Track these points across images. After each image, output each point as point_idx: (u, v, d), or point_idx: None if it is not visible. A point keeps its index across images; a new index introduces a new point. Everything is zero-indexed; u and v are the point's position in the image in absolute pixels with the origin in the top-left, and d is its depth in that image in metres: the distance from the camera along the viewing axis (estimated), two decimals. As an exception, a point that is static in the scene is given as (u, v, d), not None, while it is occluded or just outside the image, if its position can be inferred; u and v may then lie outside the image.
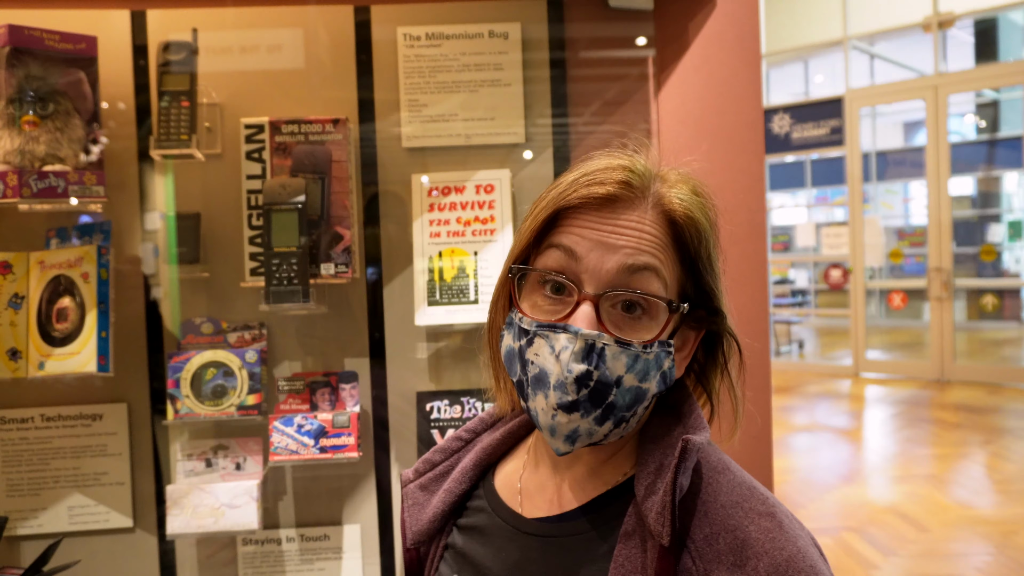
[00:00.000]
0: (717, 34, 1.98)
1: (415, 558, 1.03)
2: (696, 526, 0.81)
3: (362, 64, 1.97)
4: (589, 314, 0.82)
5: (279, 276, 1.74)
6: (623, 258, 0.83)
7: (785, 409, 8.29)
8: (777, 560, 0.77)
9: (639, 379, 0.83)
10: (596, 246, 0.83)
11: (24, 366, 1.80)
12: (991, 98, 11.93)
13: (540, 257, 0.87)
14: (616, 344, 0.82)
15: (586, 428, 0.83)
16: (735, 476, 0.87)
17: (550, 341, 0.83)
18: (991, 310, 10.30)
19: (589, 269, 0.83)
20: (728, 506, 0.82)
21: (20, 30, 1.70)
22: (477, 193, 1.92)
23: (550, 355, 0.82)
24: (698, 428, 0.86)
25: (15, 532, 1.92)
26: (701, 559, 0.79)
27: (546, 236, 0.88)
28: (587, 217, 0.85)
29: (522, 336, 0.86)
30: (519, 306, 0.87)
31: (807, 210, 14.61)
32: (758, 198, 1.98)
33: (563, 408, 0.82)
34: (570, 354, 0.81)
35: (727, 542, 0.79)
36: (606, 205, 0.85)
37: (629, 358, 0.82)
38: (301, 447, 1.82)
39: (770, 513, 0.82)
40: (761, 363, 1.98)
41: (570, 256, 0.84)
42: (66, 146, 1.73)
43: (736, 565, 0.77)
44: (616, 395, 0.82)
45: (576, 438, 0.84)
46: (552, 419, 0.83)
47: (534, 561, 0.89)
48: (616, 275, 0.83)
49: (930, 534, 4.67)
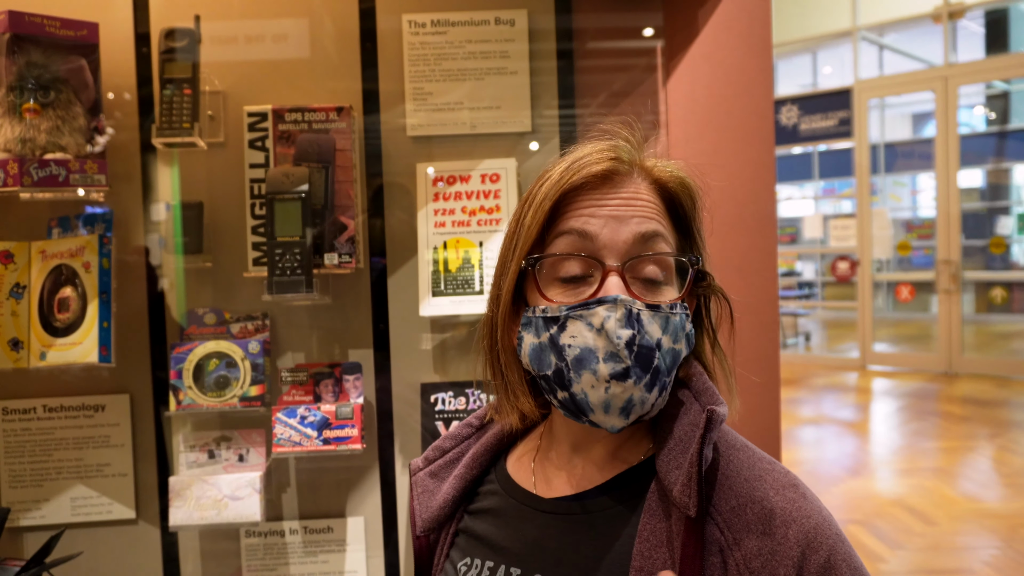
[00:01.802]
0: (726, 23, 1.95)
1: (425, 545, 1.02)
2: (721, 498, 0.83)
3: (366, 52, 1.95)
4: (619, 283, 0.84)
5: (282, 266, 1.72)
6: (635, 227, 0.86)
7: (791, 401, 8.26)
8: (806, 527, 0.79)
9: (673, 341, 0.85)
10: (607, 221, 0.86)
11: (26, 356, 1.78)
12: (1001, 89, 11.83)
13: (549, 248, 0.88)
14: (648, 308, 0.84)
15: (639, 396, 0.83)
16: (754, 452, 0.89)
17: (586, 319, 0.83)
18: (1000, 303, 10.25)
19: (606, 244, 0.85)
20: (752, 479, 0.84)
21: (20, 16, 1.68)
22: (483, 183, 1.90)
23: (589, 331, 0.83)
24: (716, 402, 0.87)
25: (18, 523, 1.91)
26: (729, 529, 0.80)
27: (550, 228, 0.88)
28: (590, 196, 0.87)
29: (550, 325, 0.86)
30: (544, 295, 0.87)
31: (814, 202, 14.56)
32: (768, 189, 1.96)
33: (616, 377, 0.82)
34: (615, 321, 0.82)
35: (754, 512, 0.81)
36: (604, 183, 0.87)
37: (661, 320, 0.84)
38: (304, 439, 1.81)
39: (793, 484, 0.84)
40: (770, 355, 1.95)
41: (583, 237, 0.86)
42: (67, 134, 1.72)
43: (765, 533, 0.79)
44: (659, 358, 0.83)
45: (631, 409, 0.83)
46: (606, 392, 0.82)
47: (553, 538, 0.88)
48: (632, 244, 0.85)
49: (937, 527, 4.65)
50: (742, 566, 0.78)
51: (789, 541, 0.78)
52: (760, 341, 1.95)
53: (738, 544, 0.79)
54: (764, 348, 1.95)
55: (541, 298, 0.87)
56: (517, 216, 0.92)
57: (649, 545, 0.81)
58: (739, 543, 0.79)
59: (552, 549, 0.88)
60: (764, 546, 0.78)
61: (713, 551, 0.80)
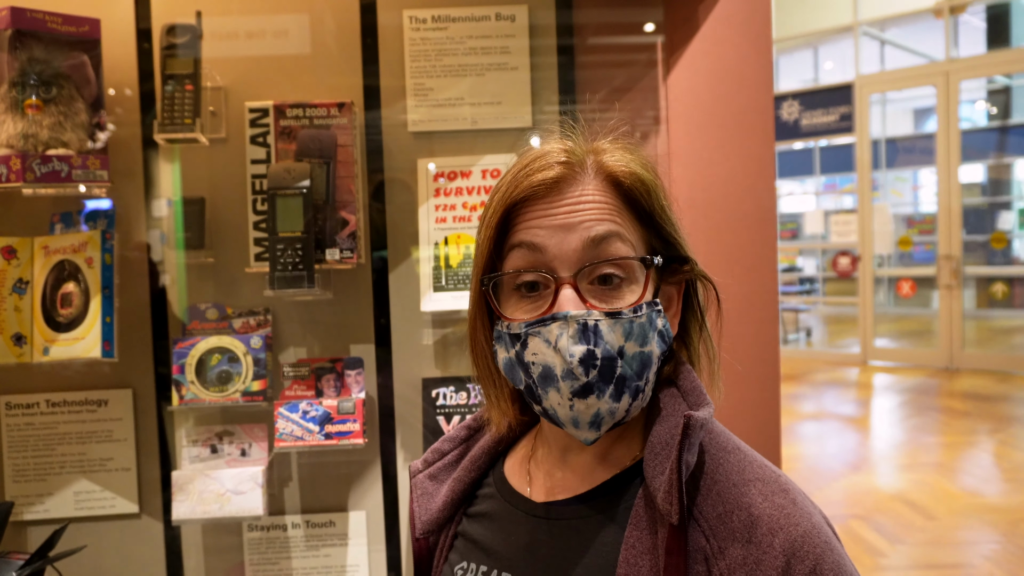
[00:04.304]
0: (727, 18, 1.95)
1: (424, 548, 1.02)
2: (708, 504, 0.81)
3: (367, 48, 1.95)
4: (572, 296, 0.82)
5: (284, 261, 1.73)
6: (584, 232, 0.83)
7: (792, 397, 8.27)
8: (793, 535, 0.77)
9: (640, 344, 0.83)
10: (555, 231, 0.83)
11: (29, 351, 1.79)
12: (1003, 84, 11.80)
13: (505, 262, 0.87)
14: (607, 317, 0.81)
15: (606, 409, 0.82)
16: (745, 455, 0.86)
17: (543, 335, 0.82)
18: (1001, 298, 10.24)
19: (556, 255, 0.83)
20: (740, 484, 0.82)
21: (22, 12, 1.69)
22: (484, 178, 1.90)
23: (547, 348, 0.82)
24: (700, 404, 0.85)
25: (21, 517, 1.92)
26: (715, 536, 0.79)
27: (504, 240, 0.87)
28: (537, 207, 0.85)
29: (515, 342, 0.85)
30: (501, 315, 0.87)
31: (815, 197, 14.54)
32: (768, 184, 1.96)
33: (577, 394, 0.81)
34: (567, 339, 0.80)
35: (740, 519, 0.79)
36: (552, 190, 0.85)
37: (624, 326, 0.82)
38: (306, 433, 1.81)
39: (784, 490, 0.81)
40: (770, 350, 1.96)
41: (533, 250, 0.84)
42: (70, 130, 1.72)
43: (751, 541, 0.77)
44: (623, 366, 0.82)
45: (600, 422, 0.83)
46: (571, 410, 0.82)
47: (544, 544, 0.88)
48: (583, 251, 0.83)
49: (937, 522, 4.66)
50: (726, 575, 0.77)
51: (774, 550, 0.76)
52: (760, 337, 1.96)
53: (723, 553, 0.77)
54: (764, 344, 1.96)
55: (501, 316, 0.87)
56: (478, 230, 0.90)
57: (635, 552, 0.80)
58: (723, 552, 0.77)
59: (543, 555, 0.87)
60: (749, 555, 0.76)
61: (698, 559, 0.78)
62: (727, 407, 0.96)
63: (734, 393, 0.95)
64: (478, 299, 0.91)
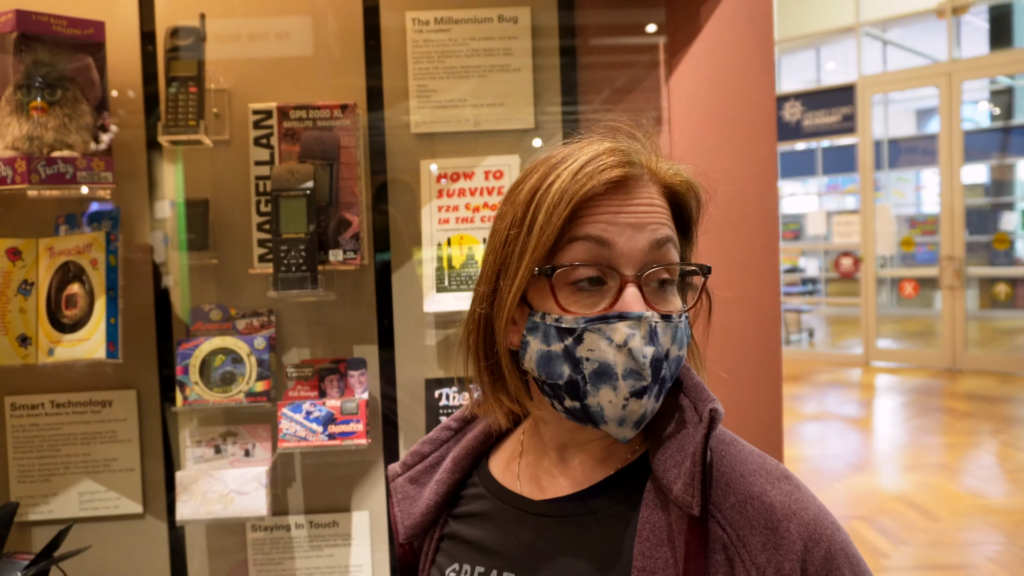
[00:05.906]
0: (729, 19, 1.96)
1: (409, 553, 1.00)
2: (720, 495, 0.83)
3: (370, 50, 1.96)
4: (637, 296, 0.82)
5: (287, 263, 1.73)
6: (650, 234, 0.84)
7: (795, 398, 8.26)
8: (805, 520, 0.80)
9: (679, 348, 0.85)
10: (624, 229, 0.83)
11: (34, 352, 1.80)
12: (1005, 85, 11.80)
13: (561, 253, 0.84)
14: (662, 319, 0.83)
15: (650, 409, 0.83)
16: (743, 446, 0.89)
17: (606, 332, 0.81)
18: (1004, 299, 10.23)
19: (623, 252, 0.83)
20: (747, 474, 0.84)
21: (28, 15, 1.70)
22: (486, 179, 1.91)
23: (609, 346, 0.81)
24: (707, 399, 0.86)
25: (26, 518, 1.93)
26: (732, 526, 0.80)
27: (563, 232, 0.85)
28: (605, 203, 0.84)
29: (564, 336, 0.83)
30: (562, 306, 0.84)
31: (818, 198, 14.53)
32: (770, 185, 1.96)
33: (636, 395, 0.81)
34: (639, 340, 0.81)
35: (755, 508, 0.81)
36: (619, 188, 0.85)
37: (672, 330, 0.84)
38: (310, 434, 1.82)
39: (785, 476, 0.85)
40: (772, 351, 1.96)
41: (600, 244, 0.83)
42: (74, 132, 1.73)
43: (768, 528, 0.79)
44: (666, 369, 0.83)
45: (643, 421, 0.84)
46: (623, 409, 0.82)
47: (549, 541, 0.88)
48: (648, 253, 0.84)
49: (940, 523, 4.66)
50: (748, 562, 0.78)
51: (792, 535, 0.78)
52: (762, 337, 1.96)
53: (743, 541, 0.79)
54: (766, 344, 1.96)
55: (556, 307, 0.84)
56: (520, 217, 0.86)
57: (650, 544, 0.81)
58: (744, 540, 0.79)
59: (549, 552, 0.87)
60: (768, 541, 0.79)
61: (716, 548, 0.79)
62: (729, 408, 0.96)
63: (736, 394, 0.96)
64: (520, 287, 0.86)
